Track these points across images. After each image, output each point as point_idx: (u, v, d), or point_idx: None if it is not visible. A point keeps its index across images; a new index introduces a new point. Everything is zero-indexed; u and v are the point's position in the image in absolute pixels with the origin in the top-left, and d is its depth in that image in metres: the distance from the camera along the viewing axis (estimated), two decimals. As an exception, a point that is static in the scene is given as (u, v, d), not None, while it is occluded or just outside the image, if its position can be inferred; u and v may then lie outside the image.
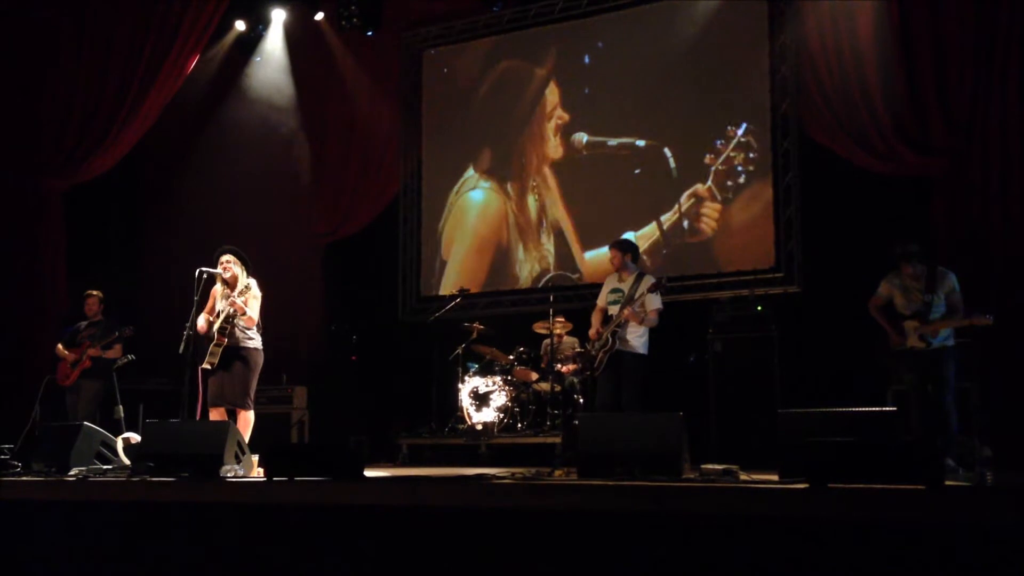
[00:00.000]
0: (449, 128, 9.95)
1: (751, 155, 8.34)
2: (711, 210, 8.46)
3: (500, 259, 9.51)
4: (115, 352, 7.64)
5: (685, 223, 8.55)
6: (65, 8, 9.14)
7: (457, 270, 9.64)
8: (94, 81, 9.02)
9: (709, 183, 8.48)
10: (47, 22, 9.14)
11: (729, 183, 8.41)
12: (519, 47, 9.64)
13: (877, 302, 6.09)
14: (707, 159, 8.49)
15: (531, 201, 9.37)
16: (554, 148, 9.31)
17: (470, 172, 9.75)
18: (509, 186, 9.52)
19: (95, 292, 7.91)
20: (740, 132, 8.38)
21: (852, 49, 7.63)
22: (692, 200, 8.54)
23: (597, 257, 8.80)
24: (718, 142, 8.46)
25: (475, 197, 9.71)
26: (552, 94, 9.39)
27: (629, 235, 8.41)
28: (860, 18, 7.58)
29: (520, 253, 9.40)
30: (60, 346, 7.69)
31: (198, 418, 5.98)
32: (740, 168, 8.37)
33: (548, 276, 8.83)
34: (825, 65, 7.80)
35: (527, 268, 9.33)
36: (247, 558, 4.19)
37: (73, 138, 8.94)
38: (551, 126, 9.34)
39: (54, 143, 8.97)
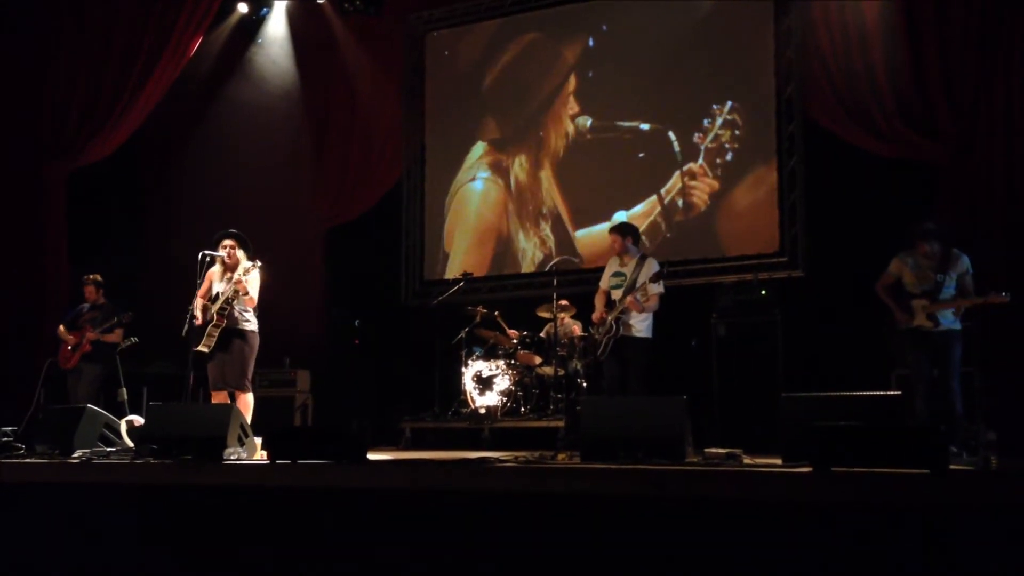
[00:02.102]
0: (453, 112, 9.90)
1: (736, 132, 8.36)
2: (704, 185, 8.48)
3: (502, 248, 9.47)
4: (115, 337, 7.64)
5: (680, 201, 8.56)
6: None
7: (460, 261, 9.53)
8: (96, 64, 8.99)
9: (701, 161, 8.51)
10: (49, 7, 9.10)
11: (718, 161, 8.44)
12: (524, 31, 9.56)
13: (887, 280, 6.01)
14: (696, 138, 8.53)
15: (544, 183, 9.30)
16: (567, 133, 9.26)
17: (478, 149, 9.68)
18: (517, 165, 9.44)
19: (92, 277, 7.87)
20: (727, 110, 8.42)
21: (858, 32, 7.58)
22: (685, 179, 8.57)
23: (588, 236, 8.97)
24: (706, 121, 8.49)
25: (475, 188, 9.66)
26: (571, 82, 9.30)
27: (623, 214, 8.48)
28: (866, 1, 7.53)
29: (522, 240, 9.37)
30: (62, 328, 7.70)
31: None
32: (727, 146, 8.40)
33: (553, 262, 8.80)
34: (830, 48, 7.74)
35: (529, 255, 9.30)
36: (250, 540, 4.20)
37: (75, 122, 8.93)
38: (567, 112, 9.28)
39: (56, 128, 8.96)
